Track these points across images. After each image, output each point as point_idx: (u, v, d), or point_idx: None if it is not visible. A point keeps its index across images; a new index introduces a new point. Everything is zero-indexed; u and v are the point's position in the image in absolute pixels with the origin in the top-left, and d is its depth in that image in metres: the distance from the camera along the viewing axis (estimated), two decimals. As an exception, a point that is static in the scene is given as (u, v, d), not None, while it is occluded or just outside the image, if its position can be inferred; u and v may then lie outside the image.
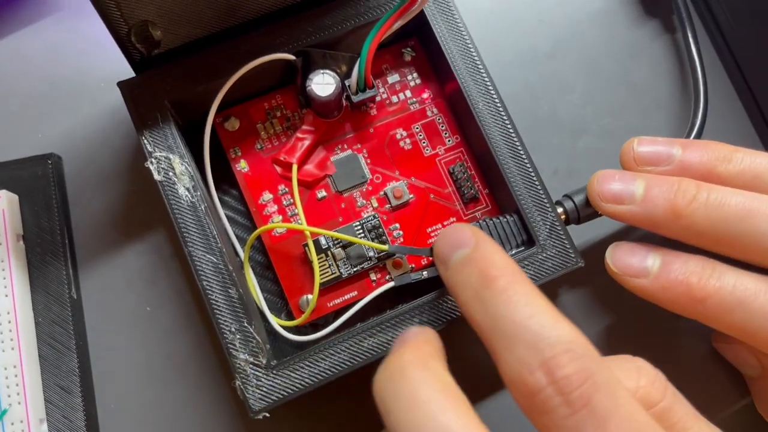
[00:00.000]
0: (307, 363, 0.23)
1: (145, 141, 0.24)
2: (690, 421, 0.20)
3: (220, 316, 0.23)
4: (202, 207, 0.24)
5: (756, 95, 0.29)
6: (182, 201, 0.24)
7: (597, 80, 0.30)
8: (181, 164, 0.24)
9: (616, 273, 0.24)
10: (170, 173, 0.24)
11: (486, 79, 0.26)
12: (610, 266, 0.24)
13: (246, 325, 0.23)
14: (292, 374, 0.23)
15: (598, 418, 0.17)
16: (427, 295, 0.24)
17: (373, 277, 0.26)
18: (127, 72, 0.27)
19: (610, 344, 0.27)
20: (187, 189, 0.24)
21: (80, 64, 0.29)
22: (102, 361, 0.26)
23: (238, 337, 0.23)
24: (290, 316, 0.26)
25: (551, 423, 0.17)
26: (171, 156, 0.24)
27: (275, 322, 0.25)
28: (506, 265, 0.19)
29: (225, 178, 0.27)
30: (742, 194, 0.23)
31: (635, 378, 0.20)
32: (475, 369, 0.26)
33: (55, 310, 0.26)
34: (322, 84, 0.25)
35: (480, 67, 0.26)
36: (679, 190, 0.23)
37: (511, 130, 0.25)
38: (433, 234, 0.26)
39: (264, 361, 0.23)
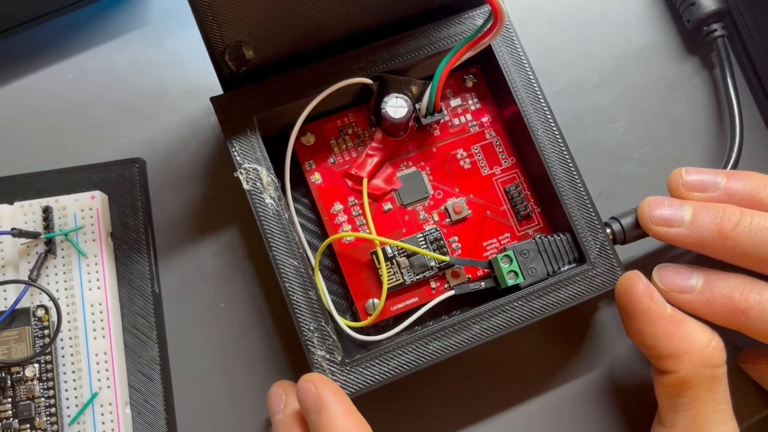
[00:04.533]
0: (378, 361, 0.25)
1: (235, 153, 0.26)
2: (724, 397, 0.25)
3: (300, 316, 0.25)
4: (286, 215, 0.26)
5: (786, 132, 0.32)
6: (268, 209, 0.26)
7: (639, 111, 0.33)
8: (268, 175, 0.26)
9: (663, 290, 0.26)
10: (258, 183, 0.26)
11: (545, 107, 0.28)
12: (657, 284, 0.26)
13: (323, 324, 0.25)
14: (365, 371, 0.25)
15: None
16: (483, 306, 0.26)
17: (433, 285, 0.28)
18: (207, 84, 0.29)
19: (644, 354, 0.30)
20: (273, 198, 0.26)
21: (163, 76, 0.31)
22: (179, 351, 0.29)
23: (316, 335, 0.25)
24: (354, 318, 0.28)
25: None
26: (258, 167, 0.26)
27: (343, 322, 0.27)
28: None
29: (298, 188, 0.29)
30: None
31: (709, 336, 0.25)
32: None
33: (138, 303, 0.28)
34: (396, 107, 0.28)
35: (540, 96, 0.28)
36: (725, 214, 0.25)
37: (567, 156, 0.28)
38: (489, 247, 0.29)
39: (339, 358, 0.25)
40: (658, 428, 0.26)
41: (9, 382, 0.26)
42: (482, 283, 0.28)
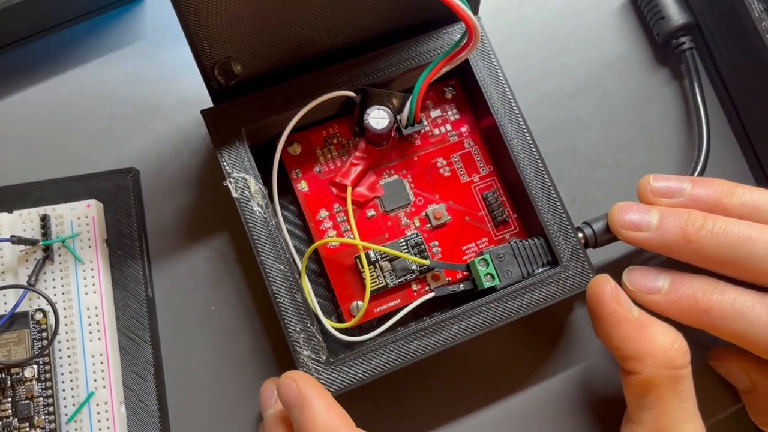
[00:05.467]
0: (361, 360, 0.27)
1: (225, 163, 0.28)
2: (688, 395, 0.26)
3: (287, 317, 0.27)
4: (273, 222, 0.27)
5: (752, 139, 0.33)
6: (256, 216, 0.27)
7: (612, 120, 0.34)
8: (256, 184, 0.28)
9: (632, 291, 0.27)
10: (246, 192, 0.27)
11: (519, 118, 0.29)
12: (627, 286, 0.28)
13: (309, 325, 0.27)
14: (348, 369, 0.27)
15: None
16: (461, 307, 0.28)
17: (414, 287, 0.30)
18: (199, 96, 0.30)
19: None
20: (260, 206, 0.27)
21: (156, 88, 0.33)
22: (172, 353, 0.30)
23: (302, 336, 0.27)
24: (339, 320, 0.30)
25: None
26: (247, 177, 0.28)
27: (328, 324, 0.28)
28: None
29: (285, 196, 0.30)
30: (743, 224, 0.27)
31: (672, 339, 0.26)
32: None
33: (133, 306, 0.29)
34: (378, 118, 0.29)
35: (515, 107, 0.29)
36: (689, 219, 0.27)
37: (540, 164, 0.29)
38: (467, 251, 0.30)
39: (324, 357, 0.27)
40: (628, 425, 0.28)
41: (9, 382, 0.27)
42: (461, 286, 0.29)
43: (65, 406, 0.27)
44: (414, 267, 0.29)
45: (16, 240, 0.27)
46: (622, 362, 0.27)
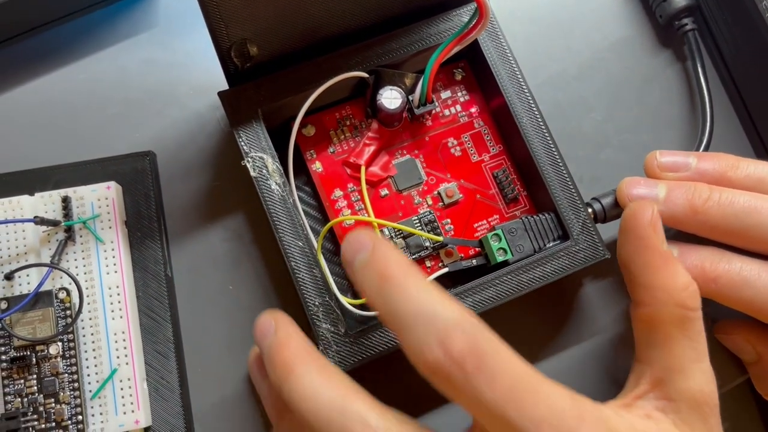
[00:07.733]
0: (378, 333, 0.27)
1: (242, 143, 0.28)
2: (698, 337, 0.25)
3: (306, 292, 0.27)
4: (291, 200, 0.28)
5: (753, 118, 0.34)
6: (274, 194, 0.28)
7: (617, 101, 0.35)
8: (273, 163, 0.28)
9: None
10: (264, 171, 0.28)
11: (529, 97, 0.30)
12: (635, 257, 0.28)
13: (327, 299, 0.27)
14: (366, 342, 0.27)
15: (487, 377, 0.20)
16: (475, 281, 0.28)
17: (428, 264, 0.30)
18: (213, 82, 0.31)
19: (626, 326, 0.32)
20: (278, 184, 0.28)
21: (171, 75, 0.33)
22: (191, 331, 0.30)
23: (321, 309, 0.27)
24: (354, 296, 0.30)
25: (453, 387, 0.20)
26: (264, 156, 0.28)
27: (344, 300, 0.29)
28: (399, 262, 0.22)
29: (300, 177, 0.31)
30: (748, 194, 0.27)
31: (689, 281, 0.25)
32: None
33: (152, 286, 0.30)
34: (391, 98, 0.30)
35: (524, 87, 0.30)
36: (696, 191, 0.27)
37: (550, 141, 0.30)
38: (479, 228, 0.31)
39: (342, 330, 0.27)
40: (637, 366, 0.27)
41: (34, 359, 0.27)
42: (474, 261, 0.30)
43: (89, 383, 0.28)
44: (427, 244, 0.30)
45: (38, 221, 0.28)
46: (633, 288, 0.26)
